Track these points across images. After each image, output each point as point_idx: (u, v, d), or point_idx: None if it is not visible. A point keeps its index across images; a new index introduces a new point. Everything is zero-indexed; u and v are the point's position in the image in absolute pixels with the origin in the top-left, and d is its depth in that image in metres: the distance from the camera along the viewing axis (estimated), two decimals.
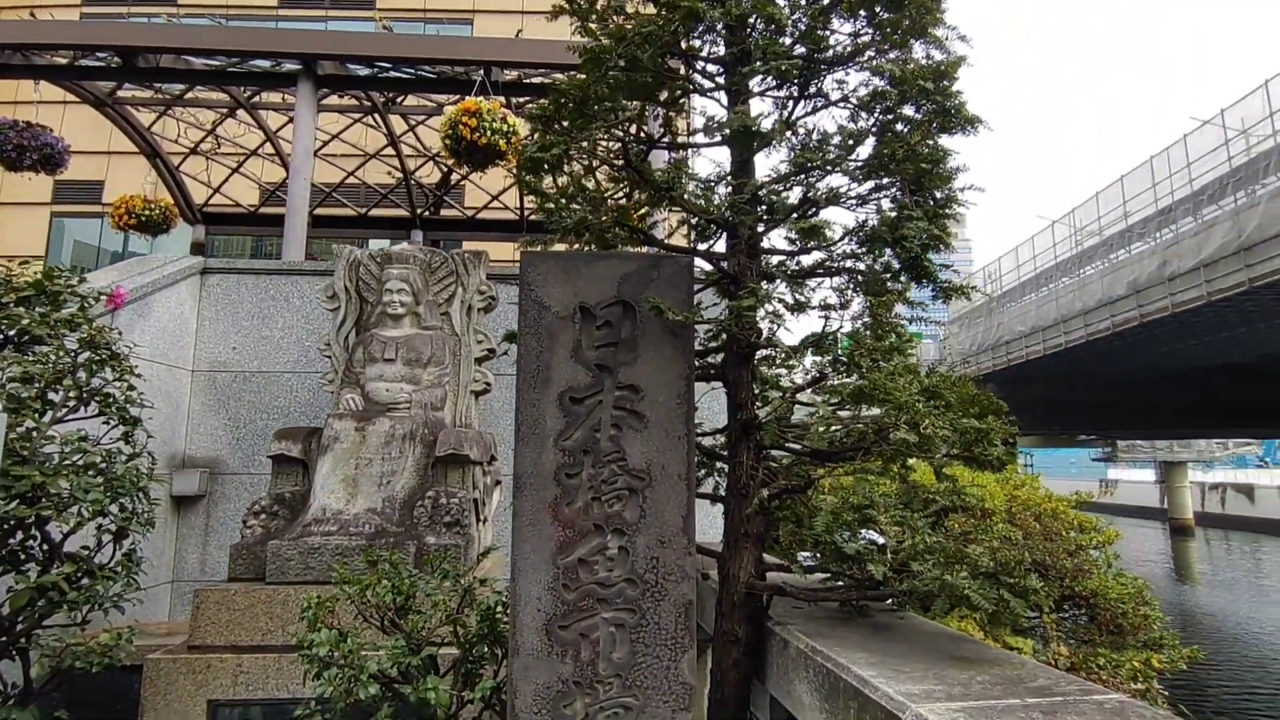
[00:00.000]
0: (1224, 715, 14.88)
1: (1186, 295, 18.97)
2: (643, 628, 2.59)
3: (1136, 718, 1.83)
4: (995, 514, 5.77)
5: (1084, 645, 5.57)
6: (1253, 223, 17.06)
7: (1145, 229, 22.04)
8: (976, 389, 10.84)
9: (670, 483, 2.67)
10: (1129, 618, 5.68)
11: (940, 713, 1.84)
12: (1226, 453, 53.45)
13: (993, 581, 2.35)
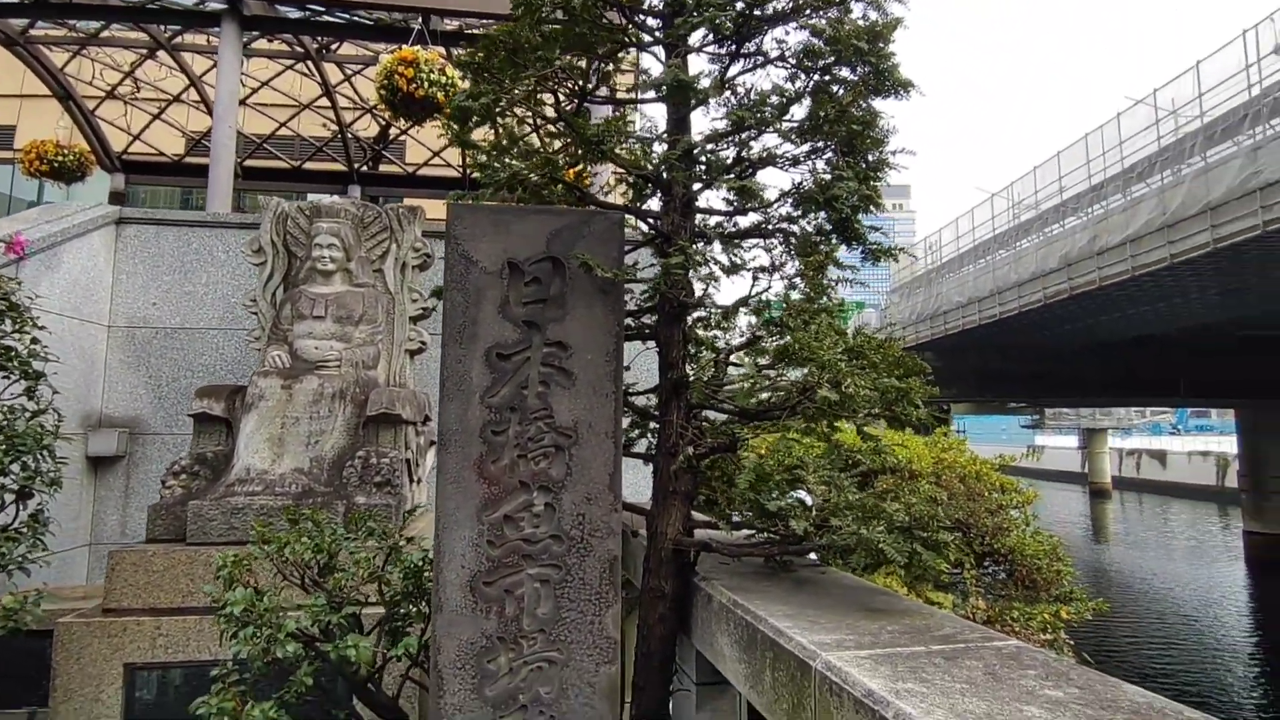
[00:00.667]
0: (1123, 658, 15.99)
1: (1113, 269, 19.74)
2: (568, 583, 2.60)
3: (1028, 659, 1.92)
4: (922, 475, 5.97)
5: (1001, 599, 5.86)
6: (1176, 201, 17.78)
7: (1078, 204, 22.81)
8: (913, 355, 11.06)
9: (598, 440, 2.67)
10: (1043, 573, 5.99)
11: (848, 660, 1.91)
12: (1144, 420, 56.57)
13: (907, 536, 2.43)
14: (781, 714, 2.15)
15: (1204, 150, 17.89)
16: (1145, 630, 18.64)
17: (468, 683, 2.50)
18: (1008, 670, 1.83)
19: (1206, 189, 16.73)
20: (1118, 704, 1.60)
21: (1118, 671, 8.22)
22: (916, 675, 1.78)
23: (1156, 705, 1.60)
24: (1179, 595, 22.96)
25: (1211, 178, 16.56)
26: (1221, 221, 16.33)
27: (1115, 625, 19.01)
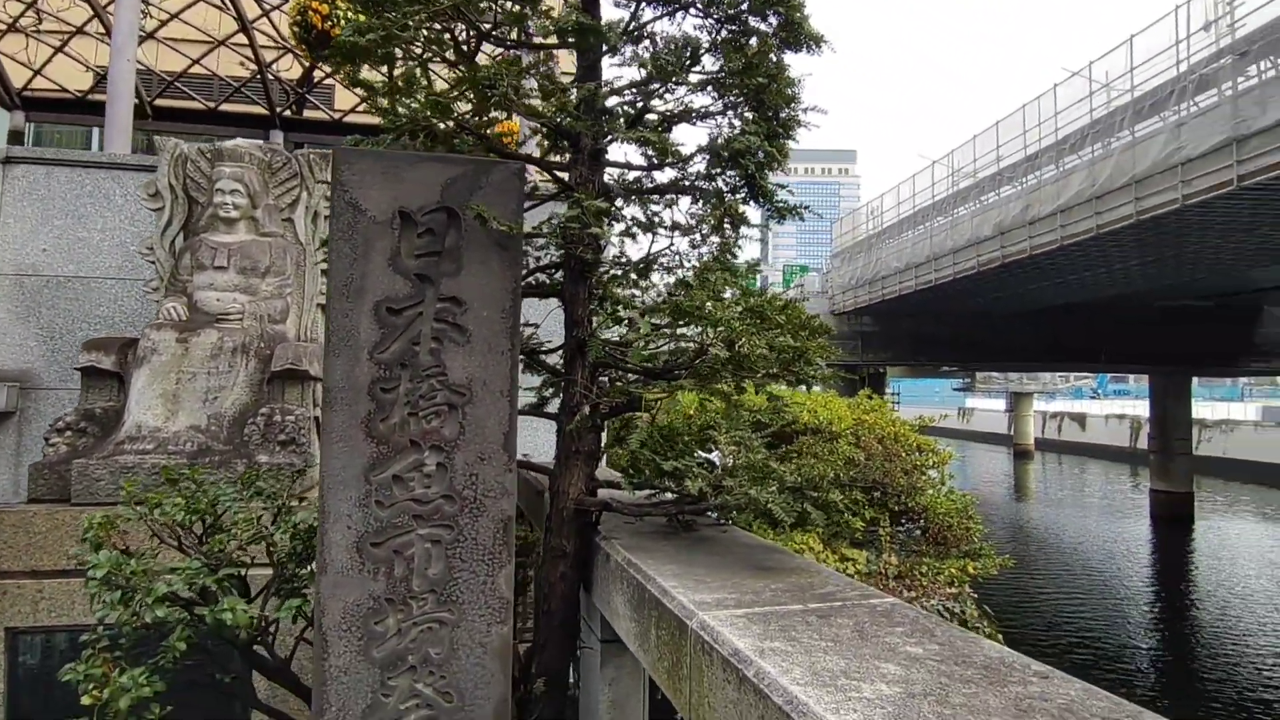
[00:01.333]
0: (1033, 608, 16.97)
1: (1043, 239, 20.33)
2: (460, 543, 2.55)
3: (899, 616, 1.96)
4: (842, 436, 6.10)
5: (913, 555, 6.08)
6: (1105, 173, 18.33)
7: (1014, 174, 23.33)
8: (853, 321, 11.41)
9: (492, 399, 2.59)
10: (953, 530, 6.23)
11: (723, 619, 1.91)
12: (1068, 385, 59.31)
13: (797, 496, 2.45)
14: (663, 673, 2.17)
15: (1133, 124, 18.42)
16: (1055, 581, 19.81)
17: (354, 645, 2.43)
18: (877, 628, 1.86)
19: (1133, 162, 17.28)
20: (972, 659, 1.64)
21: (1027, 620, 8.77)
22: (786, 634, 1.80)
23: (1008, 660, 1.65)
24: (1087, 549, 24.42)
25: (1138, 152, 17.09)
26: (1145, 194, 16.91)
27: (1028, 577, 20.13)
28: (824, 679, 1.51)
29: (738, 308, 2.54)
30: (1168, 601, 18.44)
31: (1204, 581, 20.19)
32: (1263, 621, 16.32)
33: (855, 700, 1.40)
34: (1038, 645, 14.52)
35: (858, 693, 1.44)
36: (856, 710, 1.36)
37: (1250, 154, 13.66)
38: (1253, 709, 11.83)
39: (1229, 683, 13.03)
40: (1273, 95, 13.24)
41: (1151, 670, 13.83)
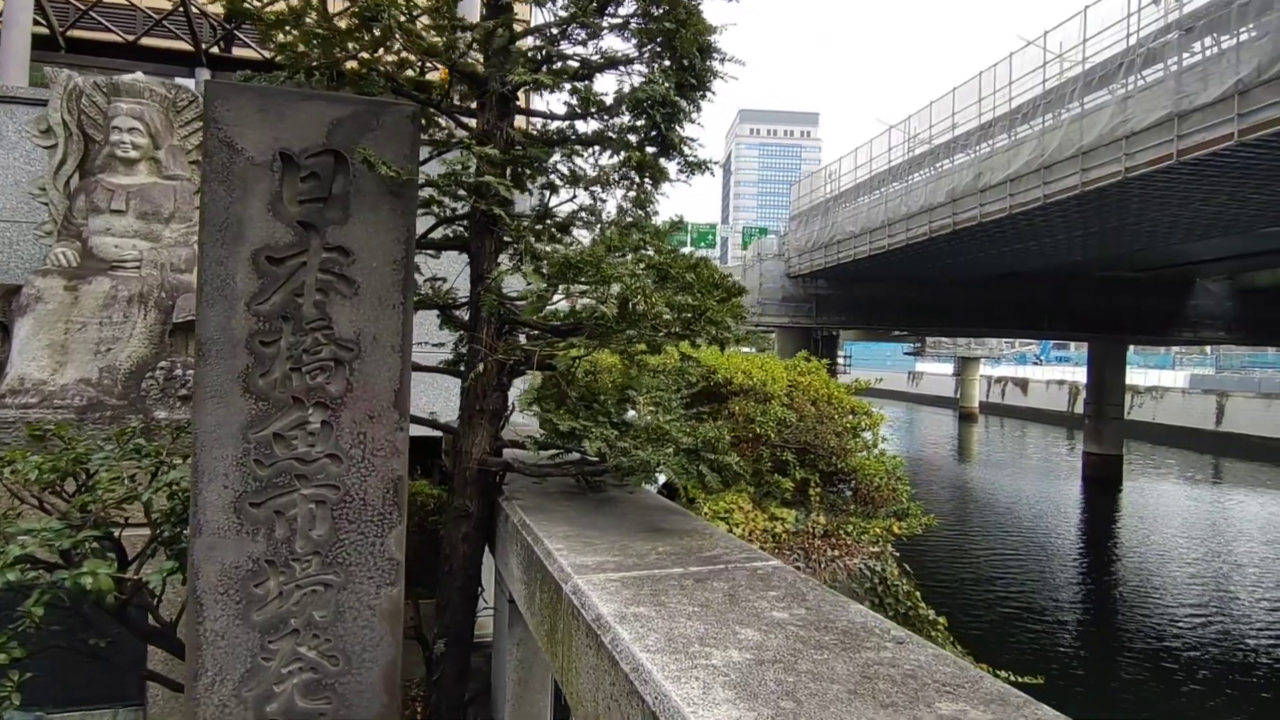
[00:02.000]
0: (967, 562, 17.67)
1: (993, 207, 20.62)
2: (347, 504, 2.46)
3: (777, 580, 1.95)
4: (775, 398, 6.13)
5: (840, 515, 6.20)
6: (1054, 143, 18.58)
7: (968, 142, 23.50)
8: (808, 284, 11.34)
9: (382, 354, 2.48)
10: (881, 491, 6.35)
11: (597, 583, 1.87)
12: (1013, 350, 61.09)
13: (694, 458, 2.42)
14: (544, 636, 2.13)
15: (1082, 96, 18.65)
16: (988, 539, 20.62)
17: (231, 608, 2.34)
18: (751, 591, 1.84)
19: (1080, 134, 17.53)
20: (835, 625, 1.63)
21: (961, 575, 8.94)
22: (657, 598, 1.77)
23: (870, 625, 1.64)
24: (1020, 508, 25.45)
25: (1086, 123, 17.33)
26: (1091, 166, 17.20)
27: (964, 535, 20.92)
28: (678, 645, 1.48)
29: (640, 265, 2.45)
30: (1090, 557, 19.39)
31: (1123, 538, 21.26)
32: (1174, 575, 17.29)
33: (701, 668, 1.38)
34: (969, 600, 15.16)
35: (706, 660, 1.41)
36: (699, 678, 1.33)
37: (1190, 129, 13.94)
38: (1159, 652, 12.57)
39: (1141, 629, 13.82)
40: (1214, 72, 13.47)
41: (1071, 618, 14.56)
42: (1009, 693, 1.30)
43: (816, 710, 1.22)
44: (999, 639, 13.10)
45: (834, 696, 1.27)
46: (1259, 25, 11.61)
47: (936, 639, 5.42)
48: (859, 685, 1.32)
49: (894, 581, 5.42)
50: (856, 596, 5.41)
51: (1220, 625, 14.08)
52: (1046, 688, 10.00)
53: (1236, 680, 11.70)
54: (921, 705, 1.24)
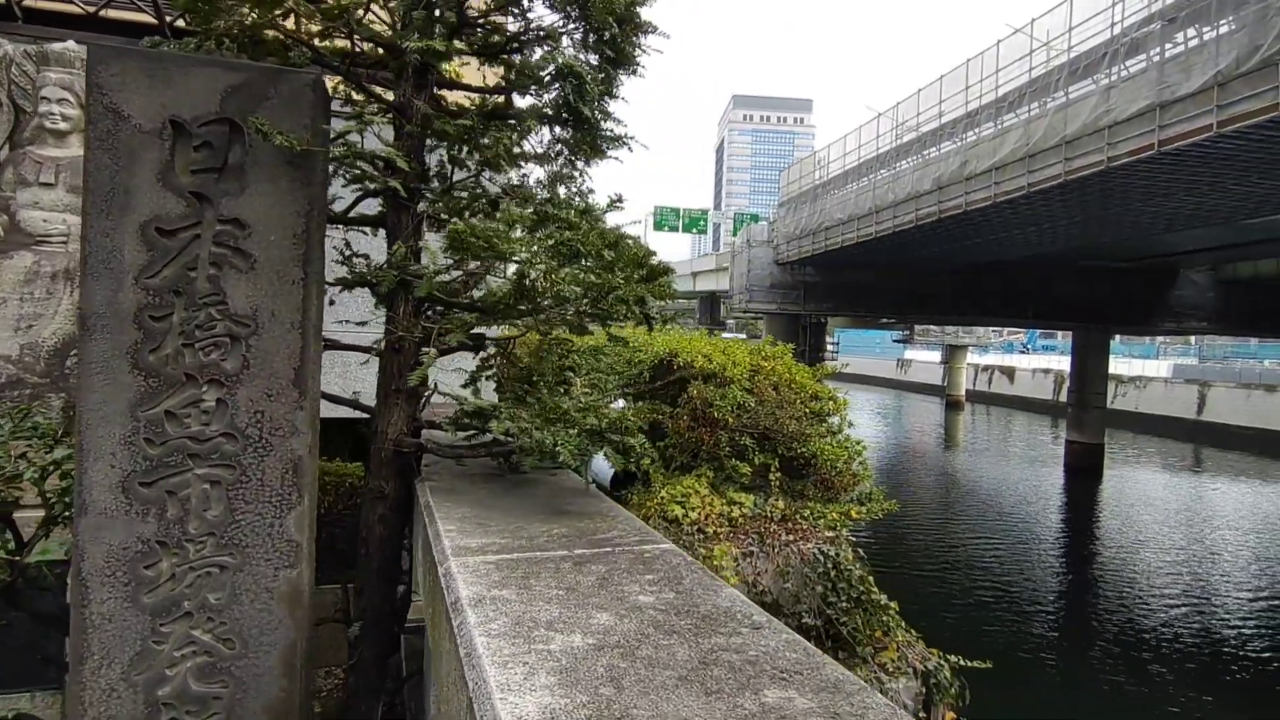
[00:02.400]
0: (946, 547, 17.80)
1: (978, 195, 20.59)
2: (244, 484, 2.40)
3: (661, 564, 1.90)
4: (735, 382, 6.08)
5: (800, 500, 6.18)
6: (1038, 133, 18.53)
7: (955, 130, 23.42)
8: (796, 271, 11.25)
9: (281, 331, 2.41)
10: (841, 476, 6.33)
11: (471, 565, 1.83)
12: (1000, 339, 61.33)
13: (596, 438, 2.37)
14: (429, 620, 2.09)
15: (1067, 85, 18.57)
16: (969, 525, 20.76)
17: (119, 590, 2.29)
18: (627, 575, 1.80)
19: (1064, 123, 17.48)
20: (698, 609, 1.59)
21: (940, 559, 8.91)
22: (525, 581, 1.72)
23: (733, 610, 1.60)
24: (1001, 495, 25.63)
25: (1070, 113, 17.29)
26: (1074, 155, 17.17)
27: (945, 521, 21.06)
28: (523, 630, 1.43)
29: (549, 241, 2.39)
30: (1066, 544, 19.55)
31: (1100, 525, 21.45)
32: (1147, 560, 17.46)
33: (536, 653, 1.33)
34: (947, 583, 15.28)
35: (545, 645, 1.37)
36: (527, 664, 1.28)
37: (1171, 120, 13.90)
38: (1128, 634, 12.70)
39: (1111, 611, 13.95)
40: (1196, 63, 13.42)
41: (1043, 602, 14.69)
42: (846, 680, 1.26)
43: (635, 697, 1.17)
44: (972, 623, 13.21)
45: (660, 683, 1.23)
46: (1237, 18, 11.57)
47: (888, 623, 5.43)
48: (693, 671, 1.28)
49: (847, 566, 5.41)
50: (809, 581, 5.41)
51: (1190, 608, 14.24)
52: (1016, 670, 10.01)
53: (1205, 661, 11.84)
54: (748, 692, 1.20)
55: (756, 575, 5.32)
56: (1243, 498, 25.15)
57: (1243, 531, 20.56)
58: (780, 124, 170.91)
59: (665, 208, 48.37)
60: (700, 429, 6.00)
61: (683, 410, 6.05)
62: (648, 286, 2.74)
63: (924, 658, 5.33)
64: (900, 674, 5.21)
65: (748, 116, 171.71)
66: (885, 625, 5.40)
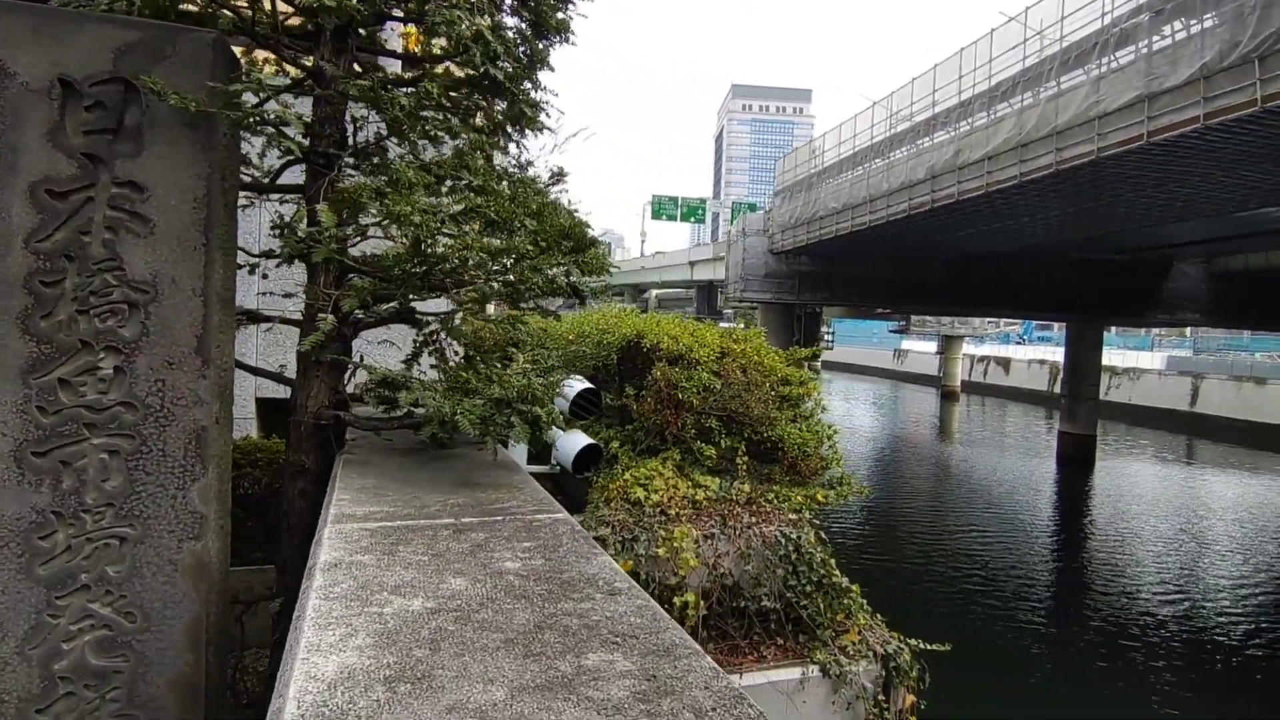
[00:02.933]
0: (938, 535, 17.81)
1: (970, 184, 20.49)
2: (144, 455, 2.34)
3: (546, 533, 1.86)
4: (702, 365, 6.03)
5: (765, 483, 6.14)
6: (1030, 122, 18.41)
7: (948, 119, 23.27)
8: (791, 260, 11.16)
9: (183, 298, 2.35)
10: (809, 460, 6.29)
11: (346, 532, 1.78)
12: (997, 330, 61.22)
13: (502, 407, 2.31)
14: None
15: (1059, 75, 18.41)
16: (959, 514, 20.79)
17: (12, 562, 2.24)
18: (504, 542, 1.75)
19: (1055, 113, 17.37)
20: (560, 576, 1.54)
21: (930, 548, 8.88)
22: (393, 548, 1.67)
23: (595, 578, 1.55)
24: (992, 484, 25.67)
25: (1061, 103, 17.17)
26: (1065, 145, 17.07)
27: (935, 510, 21.09)
28: (365, 594, 1.39)
29: (457, 207, 2.32)
30: (1055, 534, 19.58)
31: (1090, 516, 21.48)
32: (1134, 550, 17.48)
33: (366, 616, 1.28)
34: (933, 572, 15.30)
35: (380, 609, 1.32)
36: (351, 625, 1.24)
37: (1160, 111, 13.80)
38: (1110, 622, 12.72)
39: (1096, 596, 13.97)
40: (1183, 55, 13.31)
41: (1028, 588, 14.71)
42: (680, 645, 1.22)
43: (448, 659, 1.13)
44: (955, 610, 13.22)
45: (482, 645, 1.18)
46: (1219, 13, 11.50)
47: (849, 606, 5.40)
48: (524, 635, 1.23)
49: (808, 549, 5.38)
50: (770, 564, 5.37)
51: (1173, 595, 14.26)
52: (995, 656, 9.92)
53: (1186, 650, 11.85)
54: (571, 655, 1.15)
55: (717, 557, 5.29)
56: (1229, 489, 25.20)
57: (1227, 520, 20.61)
58: (779, 114, 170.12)
59: (663, 197, 48.23)
60: (665, 411, 5.95)
61: (648, 392, 6.01)
62: (574, 258, 2.68)
63: (884, 641, 5.31)
64: (860, 657, 5.19)
65: (747, 106, 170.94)
66: (846, 609, 5.37)
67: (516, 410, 2.33)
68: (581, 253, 2.76)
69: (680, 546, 5.04)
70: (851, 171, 28.13)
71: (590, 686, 1.06)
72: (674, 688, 1.06)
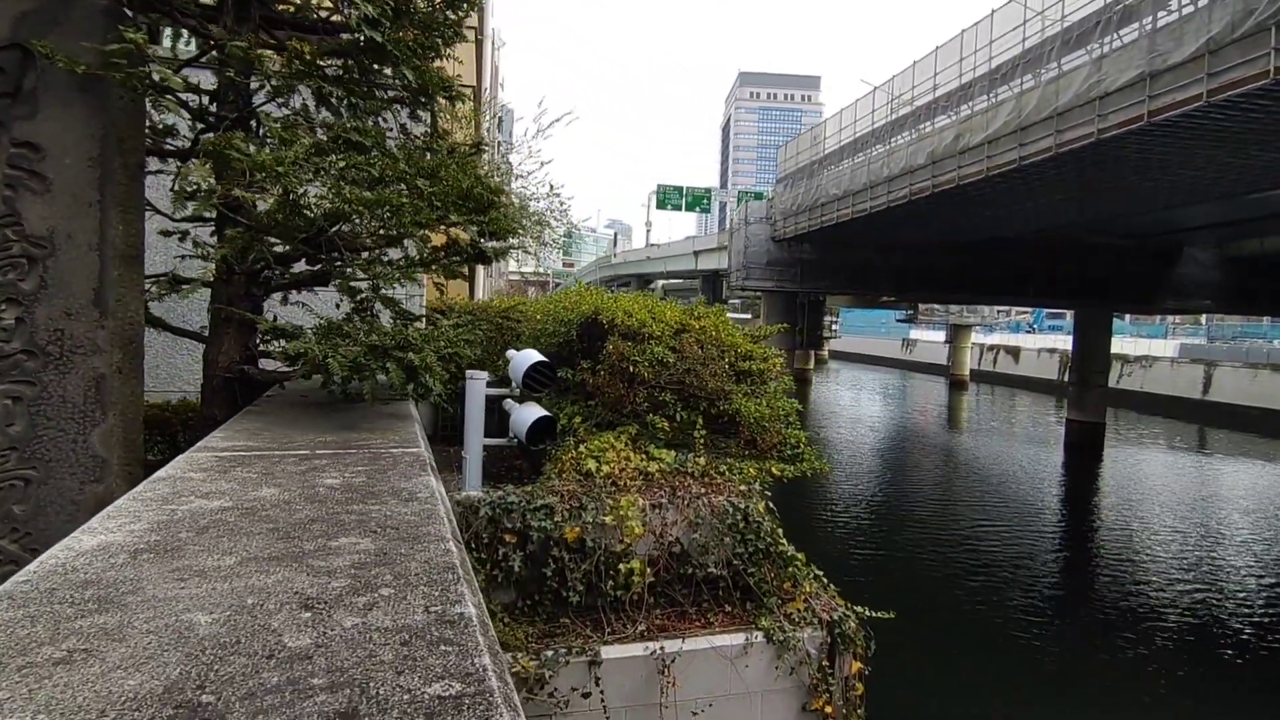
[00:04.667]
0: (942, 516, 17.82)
1: (971, 169, 20.35)
2: (45, 400, 2.48)
3: (389, 461, 1.97)
4: (657, 339, 6.13)
5: (723, 457, 6.23)
6: (1030, 104, 18.26)
7: (949, 103, 23.10)
8: (793, 248, 11.29)
9: (79, 253, 2.48)
10: (767, 436, 6.37)
11: (198, 459, 1.90)
12: (1007, 319, 60.71)
13: (379, 354, 2.43)
14: None
15: (1060, 56, 18.24)
16: (964, 501, 20.78)
17: None
18: (341, 468, 1.87)
19: (1056, 95, 17.22)
20: (371, 489, 1.65)
21: (936, 533, 8.96)
22: (229, 469, 1.79)
23: (403, 489, 1.66)
24: (997, 472, 25.57)
25: (1062, 84, 17.01)
26: (1065, 127, 16.92)
27: (941, 497, 21.08)
28: (173, 497, 1.51)
29: (339, 164, 2.43)
30: (1058, 521, 19.53)
31: (1094, 504, 21.38)
32: (1137, 539, 17.40)
33: (157, 510, 1.41)
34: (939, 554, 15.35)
35: (175, 506, 1.44)
36: (138, 515, 1.36)
37: (1161, 90, 13.65)
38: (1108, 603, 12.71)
39: (1095, 581, 13.97)
40: (1188, 30, 13.14)
41: (1024, 571, 14.72)
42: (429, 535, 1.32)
43: (208, 540, 1.25)
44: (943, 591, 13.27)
45: (248, 531, 1.30)
46: None
47: (795, 574, 5.49)
48: (295, 526, 1.34)
49: (756, 518, 5.47)
50: (719, 532, 5.47)
51: (1177, 587, 14.21)
52: (987, 636, 9.91)
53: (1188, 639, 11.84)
54: (323, 539, 1.27)
55: (665, 526, 5.40)
56: (1238, 477, 24.95)
57: (1235, 511, 20.42)
58: (787, 101, 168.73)
59: (668, 186, 48.13)
60: (619, 385, 6.06)
61: (602, 366, 6.11)
62: (474, 218, 2.78)
63: (830, 609, 5.40)
64: (806, 624, 5.29)
65: (754, 94, 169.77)
66: (792, 576, 5.47)
67: (393, 357, 2.45)
68: (483, 214, 2.86)
69: (626, 515, 5.14)
70: (853, 158, 27.98)
71: (318, 558, 1.17)
72: (395, 561, 1.17)
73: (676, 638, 5.01)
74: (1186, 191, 19.59)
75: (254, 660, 0.92)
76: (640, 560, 5.14)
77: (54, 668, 0.88)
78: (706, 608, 5.35)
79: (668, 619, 5.22)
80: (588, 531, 5.03)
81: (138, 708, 0.82)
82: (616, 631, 4.88)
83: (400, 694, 0.87)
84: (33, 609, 1.02)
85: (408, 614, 1.04)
